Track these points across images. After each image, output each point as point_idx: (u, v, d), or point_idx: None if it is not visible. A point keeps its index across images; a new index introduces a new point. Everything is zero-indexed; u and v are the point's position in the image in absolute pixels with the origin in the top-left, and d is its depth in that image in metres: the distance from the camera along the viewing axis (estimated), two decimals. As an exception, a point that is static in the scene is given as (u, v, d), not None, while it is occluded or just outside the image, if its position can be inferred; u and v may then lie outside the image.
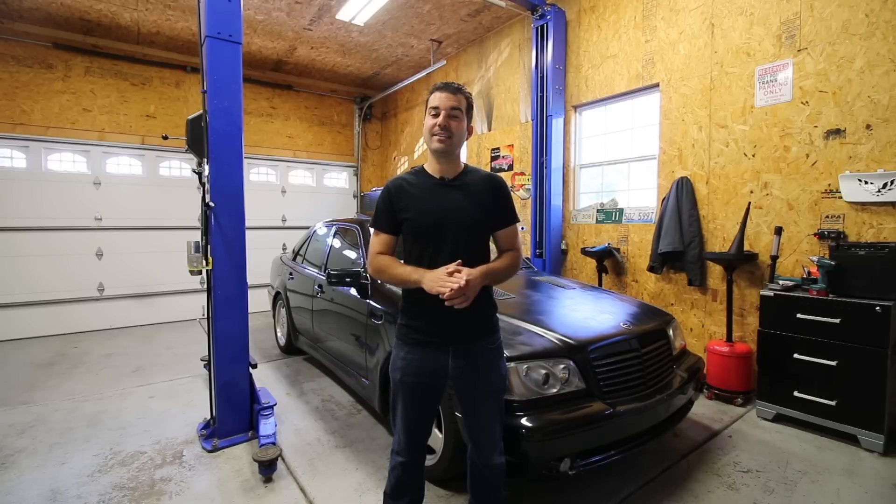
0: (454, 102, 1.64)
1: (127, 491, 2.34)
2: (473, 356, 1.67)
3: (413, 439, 1.74)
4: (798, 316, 2.89)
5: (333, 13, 5.22)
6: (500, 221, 1.76)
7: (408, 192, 1.70)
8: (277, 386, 3.82)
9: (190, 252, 2.77)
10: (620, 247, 4.44)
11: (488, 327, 1.72)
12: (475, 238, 1.69)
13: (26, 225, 5.44)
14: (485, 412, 1.70)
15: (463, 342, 1.67)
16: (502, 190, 1.76)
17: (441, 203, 1.67)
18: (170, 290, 6.33)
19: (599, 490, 2.31)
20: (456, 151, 1.70)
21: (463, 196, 1.68)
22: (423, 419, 1.75)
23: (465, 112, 1.68)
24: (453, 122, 1.64)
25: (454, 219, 1.65)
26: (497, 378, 1.72)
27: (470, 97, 1.72)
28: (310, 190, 7.81)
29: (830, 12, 3.09)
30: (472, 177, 1.74)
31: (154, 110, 6.31)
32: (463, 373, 1.67)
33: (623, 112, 4.60)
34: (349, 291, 3.18)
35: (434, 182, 1.70)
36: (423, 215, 1.66)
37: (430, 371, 1.67)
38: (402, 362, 1.69)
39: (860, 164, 2.99)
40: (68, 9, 5.08)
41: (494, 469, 1.72)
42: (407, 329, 1.71)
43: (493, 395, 1.72)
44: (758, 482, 2.38)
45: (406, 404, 1.70)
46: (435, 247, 1.64)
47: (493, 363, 1.70)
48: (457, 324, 1.65)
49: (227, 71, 2.73)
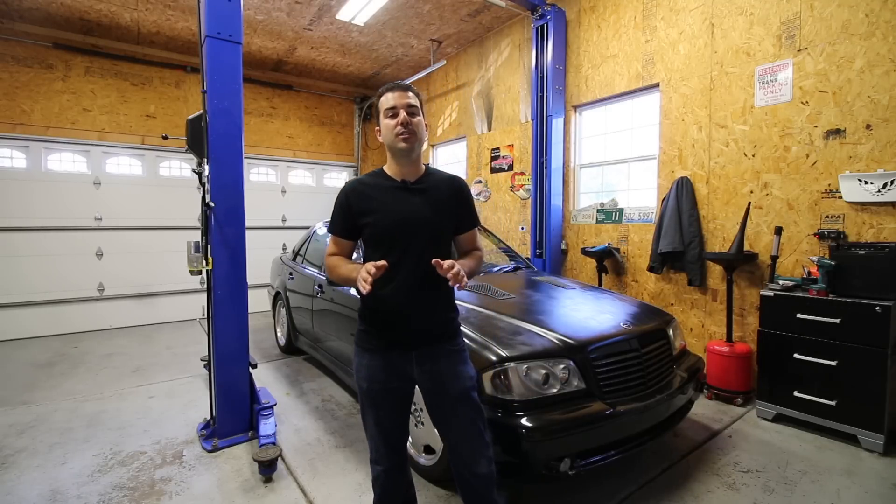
0: (409, 100, 1.59)
1: (127, 491, 2.34)
2: (438, 359, 1.62)
3: (391, 445, 1.68)
4: (798, 316, 2.89)
5: (333, 13, 5.22)
6: (462, 225, 1.73)
7: (367, 197, 1.62)
8: (277, 386, 3.82)
9: (190, 252, 2.77)
10: (620, 247, 4.44)
11: (450, 330, 1.67)
12: (439, 243, 1.63)
13: (25, 225, 5.44)
14: (459, 418, 1.62)
15: (426, 344, 1.62)
16: (465, 193, 1.73)
17: (402, 208, 1.60)
18: (170, 290, 6.33)
19: (599, 490, 2.31)
20: (419, 151, 1.64)
21: (425, 200, 1.62)
22: (398, 424, 1.69)
23: (420, 108, 1.63)
24: (413, 120, 1.58)
25: (417, 224, 1.59)
26: (466, 380, 1.64)
27: (419, 94, 1.67)
28: (310, 190, 7.81)
29: (830, 12, 3.09)
30: (435, 179, 1.69)
31: (154, 110, 6.30)
32: (430, 377, 1.62)
33: (623, 112, 4.60)
34: (349, 291, 3.18)
35: (395, 185, 1.63)
36: (385, 220, 1.59)
37: (396, 376, 1.62)
38: (366, 371, 1.63)
39: (860, 164, 2.99)
40: (68, 9, 5.08)
41: (483, 479, 1.61)
42: (366, 335, 1.65)
43: (465, 398, 1.62)
44: (758, 482, 2.38)
45: (378, 412, 1.64)
46: (398, 253, 1.57)
47: (458, 365, 1.64)
48: (417, 326, 1.61)
49: (227, 71, 2.73)
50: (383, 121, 1.62)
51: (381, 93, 1.64)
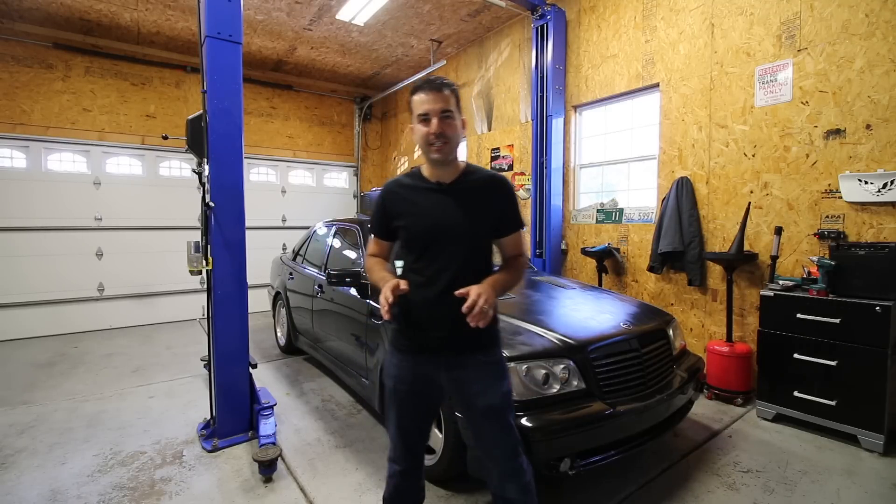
0: (443, 104, 1.47)
1: (127, 491, 2.34)
2: (466, 369, 1.54)
3: (409, 447, 1.66)
4: (798, 316, 2.89)
5: (333, 13, 5.22)
6: (503, 228, 1.60)
7: (401, 199, 1.60)
8: (277, 386, 3.82)
9: (190, 252, 2.77)
10: (620, 247, 4.44)
11: (484, 340, 1.55)
12: (472, 248, 1.55)
13: (26, 225, 5.44)
14: (485, 435, 1.55)
15: (454, 353, 1.54)
16: (506, 193, 1.60)
17: (434, 211, 1.54)
18: (170, 290, 6.33)
19: (599, 490, 2.31)
20: (453, 153, 1.54)
21: (460, 202, 1.53)
22: (419, 427, 1.66)
23: (455, 109, 1.51)
24: (447, 127, 1.47)
25: (448, 228, 1.52)
26: (495, 397, 1.53)
27: (456, 89, 1.53)
28: (310, 190, 7.81)
29: (830, 12, 3.09)
30: (473, 179, 1.58)
31: (154, 110, 6.31)
32: (457, 387, 1.56)
33: (623, 112, 4.60)
34: (349, 291, 3.18)
35: (429, 188, 1.57)
36: (415, 224, 1.56)
37: (423, 380, 1.58)
38: (395, 370, 1.62)
39: (860, 164, 2.99)
40: (68, 9, 5.08)
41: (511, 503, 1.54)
42: (398, 335, 1.62)
43: (492, 416, 1.53)
44: (758, 482, 2.38)
45: (400, 413, 1.63)
46: (428, 257, 1.53)
47: (488, 379, 1.54)
48: (446, 333, 1.53)
49: (227, 71, 2.73)
50: (416, 125, 1.52)
51: (413, 91, 1.52)
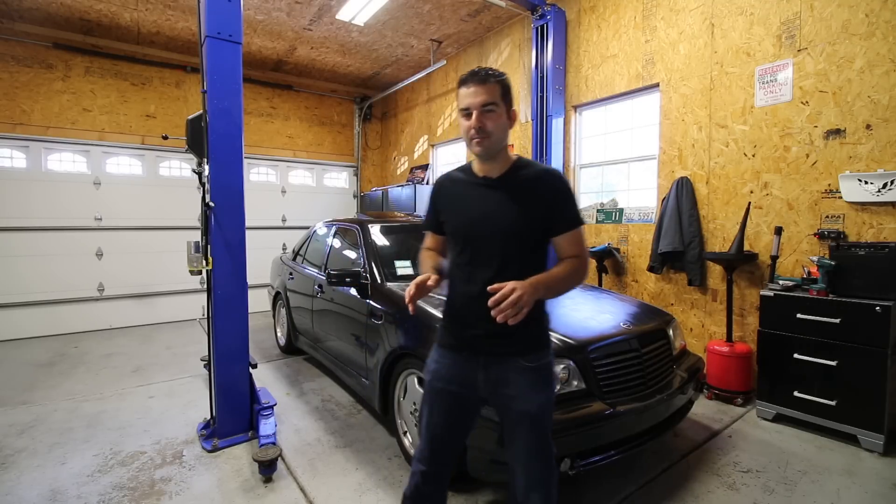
0: (485, 97, 1.40)
1: (127, 491, 2.34)
2: (506, 371, 1.46)
3: (436, 449, 1.57)
4: (798, 316, 2.89)
5: (333, 13, 5.22)
6: (554, 226, 1.47)
7: (448, 192, 1.59)
8: (277, 386, 3.82)
9: (190, 252, 2.77)
10: (620, 247, 4.44)
11: (527, 342, 1.47)
12: (515, 245, 1.46)
13: (26, 225, 5.44)
14: (516, 442, 1.48)
15: (493, 354, 1.47)
16: (557, 189, 1.46)
17: (476, 205, 1.50)
18: (170, 290, 6.33)
19: (599, 490, 2.31)
20: (498, 147, 1.46)
21: (504, 198, 1.46)
22: (450, 430, 1.57)
23: (501, 100, 1.43)
24: (489, 121, 1.41)
25: (489, 224, 1.47)
26: (530, 404, 1.45)
27: (504, 79, 1.45)
28: (310, 190, 7.81)
29: (830, 12, 3.09)
30: (523, 174, 1.48)
31: (154, 110, 6.31)
32: (493, 389, 1.49)
33: (623, 112, 4.60)
34: (349, 291, 3.18)
35: (475, 182, 1.52)
36: (457, 219, 1.54)
37: (458, 380, 1.52)
38: (434, 365, 1.58)
39: (860, 164, 2.99)
40: (68, 9, 5.08)
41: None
42: (443, 330, 1.59)
43: (526, 423, 1.46)
44: (758, 482, 2.38)
45: (431, 410, 1.56)
46: (469, 252, 1.50)
47: (527, 385, 1.45)
48: (484, 332, 1.47)
49: (227, 71, 2.73)
50: (460, 118, 1.47)
51: (459, 83, 1.47)
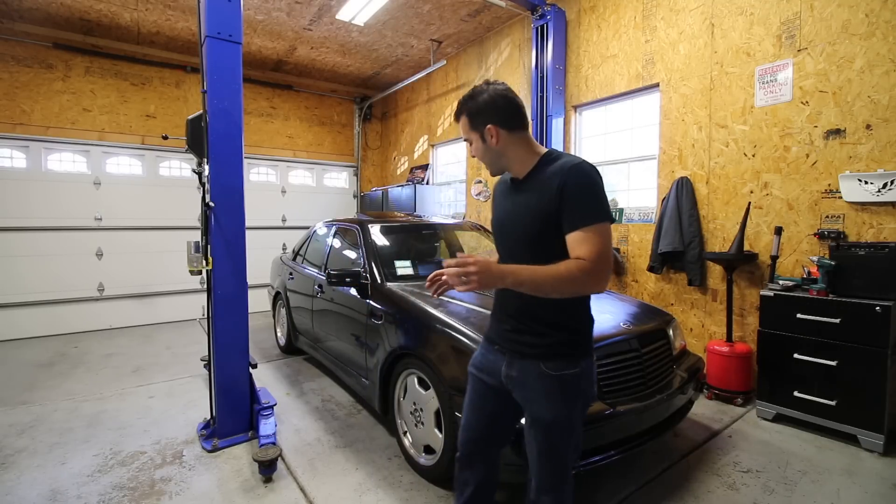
0: (462, 133, 1.53)
1: (127, 491, 2.34)
2: (527, 373, 1.44)
3: (467, 436, 1.60)
4: (798, 316, 2.89)
5: (333, 13, 5.22)
6: (564, 224, 1.35)
7: (495, 196, 1.68)
8: (277, 386, 3.82)
9: (190, 252, 2.77)
10: (620, 247, 4.44)
11: (552, 348, 1.41)
12: (529, 245, 1.44)
13: (25, 225, 5.44)
14: (529, 445, 1.49)
15: (516, 353, 1.47)
16: (568, 184, 1.34)
17: (503, 207, 1.57)
18: (170, 290, 6.33)
19: (599, 490, 2.31)
20: (501, 164, 1.51)
21: (525, 198, 1.45)
22: (478, 418, 1.59)
23: (472, 128, 1.47)
24: (474, 151, 1.53)
25: (510, 224, 1.51)
26: (544, 411, 1.42)
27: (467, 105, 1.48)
28: (310, 190, 7.81)
29: (830, 12, 3.09)
30: (548, 170, 1.42)
31: (154, 110, 6.31)
32: (513, 386, 1.49)
33: (623, 112, 4.60)
34: (349, 291, 3.18)
35: (508, 184, 1.58)
36: (493, 220, 1.64)
37: (488, 370, 1.55)
38: (476, 353, 1.65)
39: (860, 164, 2.99)
40: (68, 9, 5.08)
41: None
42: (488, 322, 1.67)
43: (538, 428, 1.44)
44: (758, 482, 2.38)
45: (469, 397, 1.62)
46: (500, 252, 1.60)
47: (543, 392, 1.41)
48: (506, 330, 1.50)
49: (227, 71, 2.73)
50: None
51: None
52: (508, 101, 1.45)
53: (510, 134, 1.45)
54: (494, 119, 1.44)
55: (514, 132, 1.46)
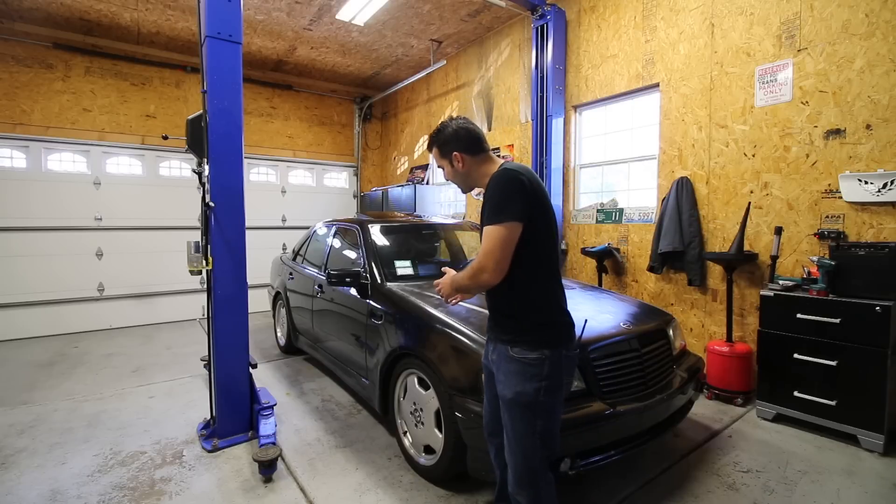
0: (435, 161, 1.80)
1: (127, 491, 2.34)
2: (499, 357, 1.63)
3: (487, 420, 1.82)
4: (798, 316, 2.89)
5: (333, 13, 5.22)
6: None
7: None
8: (277, 386, 3.82)
9: (190, 252, 2.77)
10: (620, 247, 4.44)
11: (516, 334, 1.58)
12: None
13: (26, 225, 5.44)
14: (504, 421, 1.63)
15: (496, 340, 1.67)
16: (485, 192, 1.60)
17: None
18: (170, 290, 6.33)
19: (599, 490, 2.31)
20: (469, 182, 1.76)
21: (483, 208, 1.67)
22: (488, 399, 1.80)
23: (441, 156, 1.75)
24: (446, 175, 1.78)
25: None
26: (507, 389, 1.57)
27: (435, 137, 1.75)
28: (310, 190, 7.82)
29: (830, 12, 3.09)
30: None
31: (154, 110, 6.31)
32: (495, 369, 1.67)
33: (623, 112, 4.60)
34: (349, 291, 3.18)
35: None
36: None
37: (487, 358, 1.75)
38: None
39: (860, 164, 2.99)
40: (68, 9, 5.08)
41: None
42: None
43: (505, 409, 1.60)
44: (758, 482, 2.38)
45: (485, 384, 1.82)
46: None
47: (509, 374, 1.57)
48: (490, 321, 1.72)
49: (227, 71, 2.73)
50: None
51: None
52: (468, 131, 1.71)
53: (473, 157, 1.71)
54: (459, 147, 1.71)
55: (477, 155, 1.72)
